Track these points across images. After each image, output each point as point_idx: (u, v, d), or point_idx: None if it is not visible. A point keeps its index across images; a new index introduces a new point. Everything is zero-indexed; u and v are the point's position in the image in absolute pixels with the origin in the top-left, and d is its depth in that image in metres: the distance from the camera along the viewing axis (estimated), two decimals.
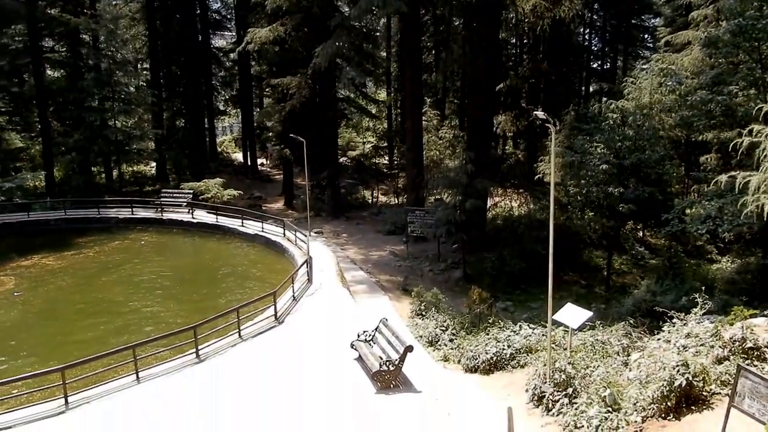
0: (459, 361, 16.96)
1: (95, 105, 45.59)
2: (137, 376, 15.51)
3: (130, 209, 37.25)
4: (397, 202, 42.50)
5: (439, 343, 18.47)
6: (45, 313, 23.18)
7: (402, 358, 14.82)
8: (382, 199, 44.45)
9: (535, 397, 13.48)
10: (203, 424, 13.13)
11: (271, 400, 14.12)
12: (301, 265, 23.82)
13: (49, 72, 47.51)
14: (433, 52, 48.40)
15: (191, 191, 38.10)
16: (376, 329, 16.76)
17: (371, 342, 16.49)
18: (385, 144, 52.18)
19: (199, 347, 16.89)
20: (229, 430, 12.88)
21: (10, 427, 13.34)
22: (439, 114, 40.57)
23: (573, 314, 13.95)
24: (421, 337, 18.90)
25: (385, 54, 49.43)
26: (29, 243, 32.00)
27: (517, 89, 39.83)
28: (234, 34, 54.68)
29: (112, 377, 15.76)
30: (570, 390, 12.78)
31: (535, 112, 13.11)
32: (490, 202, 34.26)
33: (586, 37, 50.75)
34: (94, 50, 45.79)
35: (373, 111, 50.12)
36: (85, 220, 36.10)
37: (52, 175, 44.77)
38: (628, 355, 13.98)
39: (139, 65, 53.33)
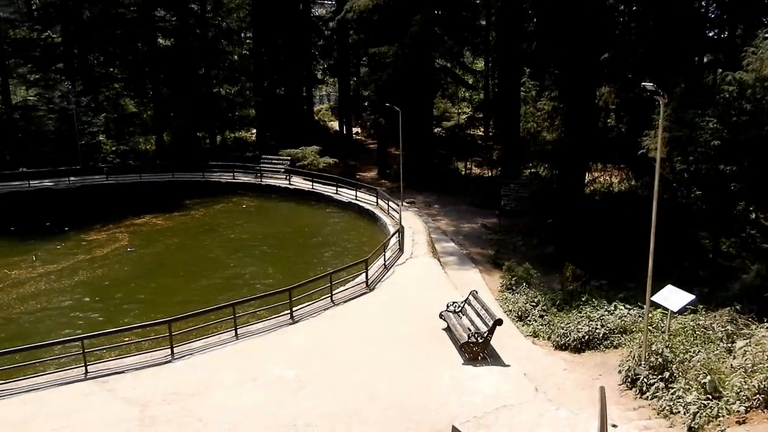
0: (549, 338, 16.74)
1: (202, 73, 47.64)
2: (236, 333, 16.38)
3: (231, 174, 38.91)
4: (490, 174, 41.87)
5: (528, 318, 18.27)
6: (153, 269, 24.89)
7: (491, 331, 14.81)
8: (476, 171, 43.92)
9: (629, 379, 13.14)
10: (298, 383, 13.73)
11: (361, 363, 14.55)
12: (393, 234, 24.11)
13: (160, 41, 49.91)
14: (534, 19, 46.79)
15: (289, 158, 39.24)
16: (465, 301, 16.80)
17: (460, 313, 16.56)
18: (481, 115, 51.32)
19: (294, 309, 17.58)
20: (322, 389, 13.40)
21: (122, 372, 14.50)
22: (538, 84, 39.37)
23: (673, 296, 13.40)
24: (510, 311, 18.76)
25: (484, 22, 48.29)
26: (141, 203, 34.22)
27: (623, 59, 37.86)
28: (333, 2, 55.13)
29: (212, 332, 16.74)
30: (666, 374, 12.36)
31: (643, 84, 12.48)
32: (588, 177, 33.12)
33: (703, 3, 47.32)
34: (201, 20, 47.61)
35: (470, 81, 49.29)
36: (190, 184, 38.08)
37: (161, 139, 47.47)
38: (733, 342, 13.29)
39: (242, 34, 55.05)
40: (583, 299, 18.28)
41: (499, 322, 14.88)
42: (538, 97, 38.37)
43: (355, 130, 58.27)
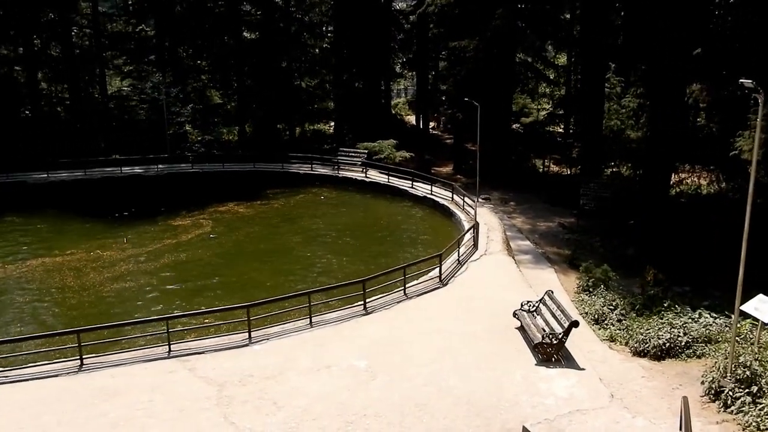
0: (626, 343, 16.21)
1: (284, 66, 48.77)
2: (311, 321, 16.77)
3: (310, 165, 39.70)
4: (569, 172, 40.84)
5: (605, 321, 17.74)
6: (234, 255, 25.79)
7: (566, 333, 14.51)
8: (554, 168, 42.95)
9: (712, 391, 12.58)
10: (369, 373, 13.92)
11: (432, 357, 14.59)
12: (468, 230, 23.98)
13: (245, 34, 51.42)
14: (622, 13, 45.11)
15: (366, 151, 39.62)
16: (540, 300, 16.52)
17: (534, 313, 16.31)
18: (562, 112, 50.03)
19: (367, 300, 17.80)
20: (393, 380, 13.53)
21: (202, 352, 15.14)
22: (623, 80, 38.00)
23: (764, 306, 12.71)
24: (586, 313, 18.29)
25: (568, 16, 47.02)
26: (224, 191, 35.48)
27: (717, 54, 35.94)
28: None
29: (287, 319, 17.19)
30: (755, 388, 11.75)
31: (741, 80, 11.84)
32: (674, 178, 31.77)
33: None
34: (285, 14, 48.70)
35: (551, 76, 48.16)
36: (270, 174, 39.13)
37: (244, 130, 48.99)
38: None
39: (324, 28, 55.91)
40: (665, 305, 17.57)
41: (575, 323, 14.56)
42: (622, 93, 37.03)
43: (431, 124, 58.13)
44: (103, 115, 45.56)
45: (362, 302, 17.71)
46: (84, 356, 14.66)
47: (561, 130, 49.95)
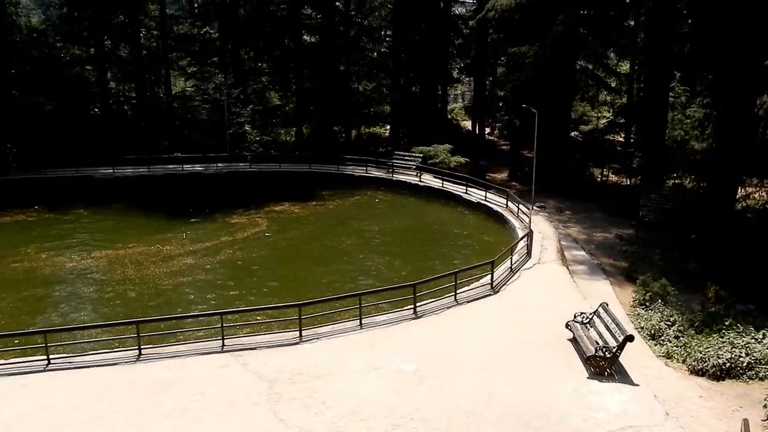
0: (683, 361, 15.68)
1: (342, 69, 49.32)
2: (360, 323, 16.88)
3: (364, 168, 39.98)
4: (629, 183, 39.81)
5: (662, 337, 17.21)
6: (287, 254, 26.23)
7: (620, 347, 14.14)
8: (613, 178, 41.95)
9: None
10: (417, 377, 13.91)
11: (481, 364, 14.47)
12: (522, 238, 23.68)
13: (305, 37, 52.27)
14: (689, 20, 43.74)
15: (421, 155, 39.66)
16: (594, 312, 16.17)
17: (588, 325, 15.97)
18: (623, 120, 48.86)
19: (417, 304, 17.80)
20: (441, 386, 13.49)
21: (255, 348, 15.43)
22: (689, 90, 36.83)
23: None
24: (642, 328, 17.78)
25: (632, 23, 45.93)
26: (280, 191, 36.14)
27: None
28: (474, 1, 54.83)
29: (337, 320, 17.34)
30: None
31: None
32: (741, 192, 30.55)
33: None
34: (345, 18, 49.27)
35: (613, 84, 47.15)
36: (326, 175, 39.64)
37: (301, 131, 49.81)
38: None
39: (383, 32, 56.30)
40: (727, 323, 16.89)
41: (630, 338, 14.19)
42: (688, 103, 35.90)
43: (487, 130, 57.71)
44: (167, 114, 47.08)
45: (412, 306, 17.72)
46: (142, 347, 15.16)
47: (621, 139, 48.78)
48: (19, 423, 12.00)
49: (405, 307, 17.94)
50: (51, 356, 14.69)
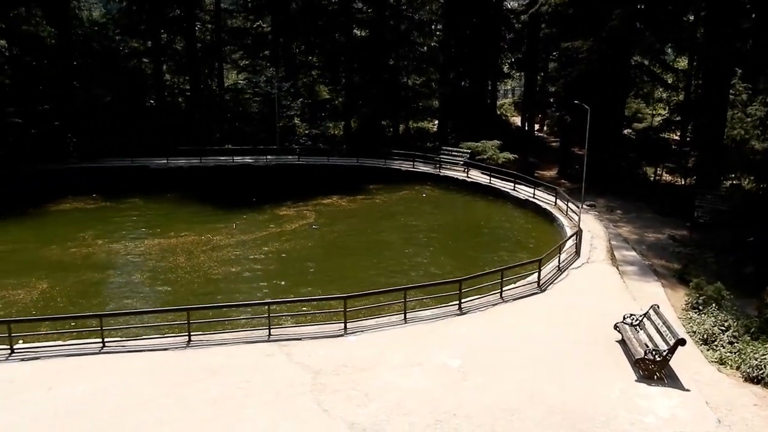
0: (737, 368, 15.16)
1: (391, 63, 49.32)
2: (405, 317, 16.91)
3: (411, 163, 39.93)
4: (683, 183, 38.65)
5: (715, 342, 16.67)
6: (333, 247, 26.46)
7: (671, 350, 13.78)
8: (666, 177, 40.79)
9: None
10: (462, 373, 13.87)
11: (526, 362, 14.32)
12: (570, 237, 23.29)
13: (356, 31, 52.44)
14: (753, 15, 42.04)
15: (469, 151, 39.36)
16: (644, 315, 15.80)
17: (637, 327, 15.62)
18: (679, 118, 47.40)
19: (462, 300, 17.72)
20: (485, 383, 13.41)
21: (300, 339, 15.64)
22: (750, 87, 35.44)
23: None
24: (694, 332, 17.27)
25: (692, 17, 44.43)
26: (328, 184, 36.46)
27: None
28: None
29: (381, 313, 17.42)
30: None
31: None
32: None
33: None
34: (395, 11, 49.22)
35: (669, 80, 45.73)
36: (373, 169, 39.74)
37: (349, 125, 50.07)
38: None
39: (433, 26, 55.99)
40: None
41: (681, 342, 13.81)
42: (749, 101, 34.61)
43: (536, 126, 56.87)
44: (219, 106, 48.01)
45: (457, 302, 17.66)
46: (191, 333, 15.55)
47: (677, 138, 47.37)
48: (75, 403, 12.48)
49: (450, 303, 17.88)
50: (105, 339, 15.21)
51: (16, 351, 14.75)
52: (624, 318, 16.03)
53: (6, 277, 21.76)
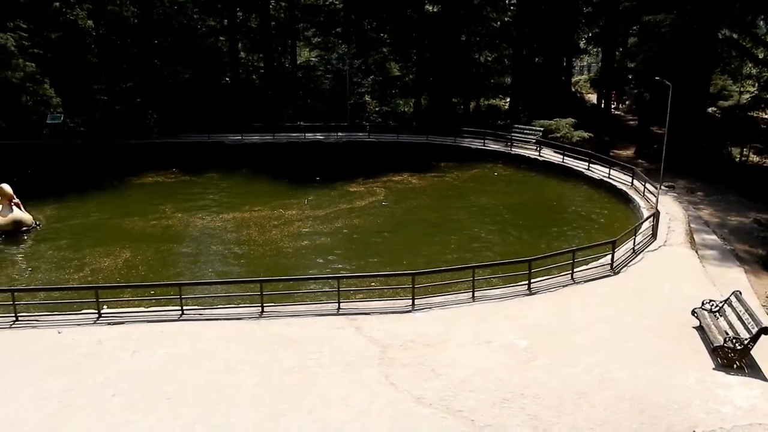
0: None
1: (463, 39, 48.58)
2: (473, 295, 16.87)
3: (482, 141, 39.44)
4: None
5: None
6: (402, 223, 26.61)
7: (754, 339, 13.19)
8: (754, 159, 38.68)
9: None
10: (529, 353, 13.78)
11: (596, 346, 14.05)
12: (647, 218, 22.53)
13: (428, 7, 51.87)
14: None
15: (541, 129, 38.51)
16: (725, 301, 15.15)
17: (717, 314, 15.01)
18: None
19: (532, 281, 17.51)
20: (553, 364, 13.28)
21: (368, 313, 15.90)
22: None
23: None
24: None
25: None
26: (398, 161, 36.57)
27: None
28: None
29: (449, 291, 17.43)
30: None
31: None
32: None
33: None
34: None
35: (760, 56, 43.04)
36: (442, 147, 39.54)
37: (419, 102, 49.83)
38: None
39: (507, 0, 54.71)
40: None
41: (765, 330, 13.17)
42: None
43: (613, 104, 54.92)
44: (292, 83, 48.77)
45: (527, 282, 17.45)
46: (264, 304, 16.06)
47: (767, 117, 44.72)
48: (157, 366, 13.19)
49: (519, 283, 17.69)
50: (184, 307, 15.94)
51: (103, 315, 15.66)
52: (703, 304, 15.44)
53: (94, 246, 23.10)
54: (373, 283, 19.10)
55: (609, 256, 19.14)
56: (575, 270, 18.40)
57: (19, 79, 36.52)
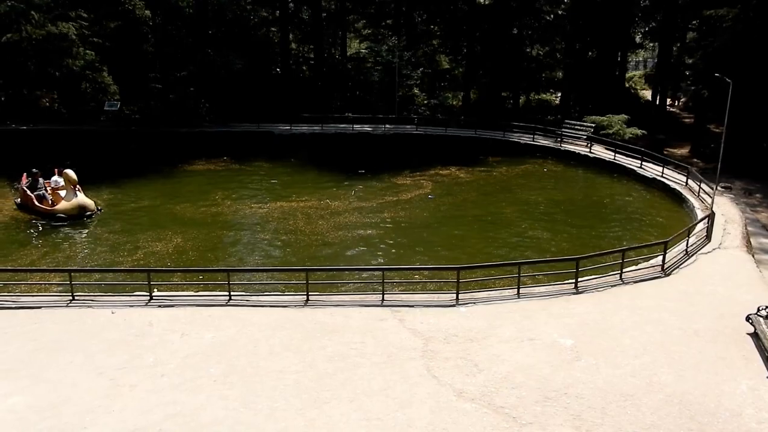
0: None
1: (515, 32, 47.95)
2: (518, 292, 16.69)
3: (531, 136, 38.94)
4: None
5: None
6: (448, 217, 26.52)
7: None
8: None
9: None
10: (574, 353, 13.58)
11: (644, 348, 13.74)
12: (701, 219, 21.88)
13: (479, 0, 51.35)
14: None
15: (593, 125, 37.79)
16: None
17: None
18: None
19: (579, 279, 17.22)
20: (598, 365, 13.06)
21: (412, 306, 15.91)
22: None
23: None
24: None
25: None
26: (445, 155, 36.45)
27: None
28: None
29: (493, 286, 17.29)
30: None
31: None
32: None
33: None
34: None
35: None
36: (491, 141, 39.20)
37: (468, 96, 49.44)
38: None
39: None
40: None
41: None
42: None
43: (668, 101, 53.36)
44: (341, 75, 49.02)
45: (573, 280, 17.18)
46: (309, 293, 16.26)
47: None
48: (205, 349, 13.52)
49: (565, 281, 17.43)
50: (232, 293, 16.27)
51: (154, 298, 16.12)
52: (759, 309, 14.91)
53: (146, 231, 23.80)
54: (416, 276, 19.12)
55: (660, 257, 18.67)
56: (624, 270, 18.01)
57: (80, 67, 37.81)
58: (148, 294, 16.15)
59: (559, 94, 52.83)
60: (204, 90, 42.54)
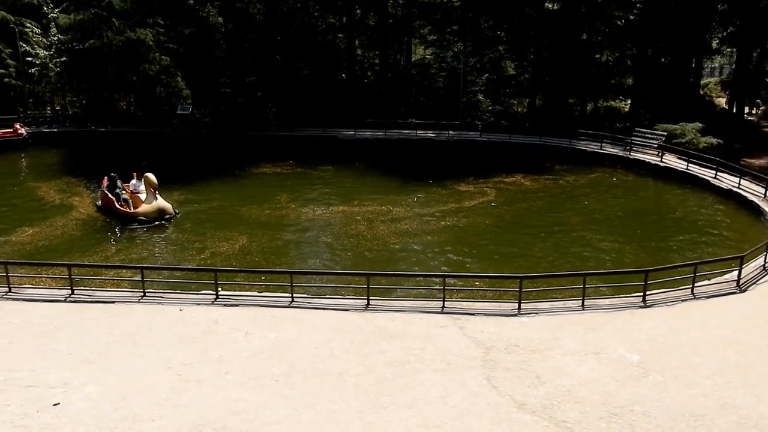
0: None
1: (584, 38, 46.96)
2: (583, 303, 16.27)
3: (599, 144, 37.98)
4: None
5: None
6: (511, 225, 26.17)
7: None
8: None
9: None
10: (641, 369, 13.13)
11: (716, 367, 13.14)
12: None
13: (547, 5, 50.53)
14: None
15: (664, 133, 36.58)
16: None
17: None
18: None
19: (647, 293, 16.65)
20: (667, 382, 12.58)
21: (473, 314, 15.75)
22: None
23: None
24: None
25: None
26: (509, 162, 36.01)
27: None
28: None
29: (556, 297, 16.92)
30: None
31: None
32: None
33: None
34: None
35: None
36: (556, 149, 38.48)
37: (534, 102, 48.70)
38: None
39: None
40: None
41: None
42: None
43: (746, 109, 50.98)
44: (406, 81, 49.19)
45: (641, 294, 16.62)
46: (370, 297, 16.34)
47: None
48: (268, 350, 13.79)
49: (632, 294, 16.89)
50: (294, 295, 16.54)
51: (219, 297, 16.57)
52: None
53: (213, 231, 24.52)
54: (477, 283, 18.93)
55: (735, 272, 17.83)
56: (696, 284, 17.31)
57: (155, 71, 39.40)
58: (215, 293, 16.61)
59: (629, 101, 51.31)
60: (271, 95, 43.55)
